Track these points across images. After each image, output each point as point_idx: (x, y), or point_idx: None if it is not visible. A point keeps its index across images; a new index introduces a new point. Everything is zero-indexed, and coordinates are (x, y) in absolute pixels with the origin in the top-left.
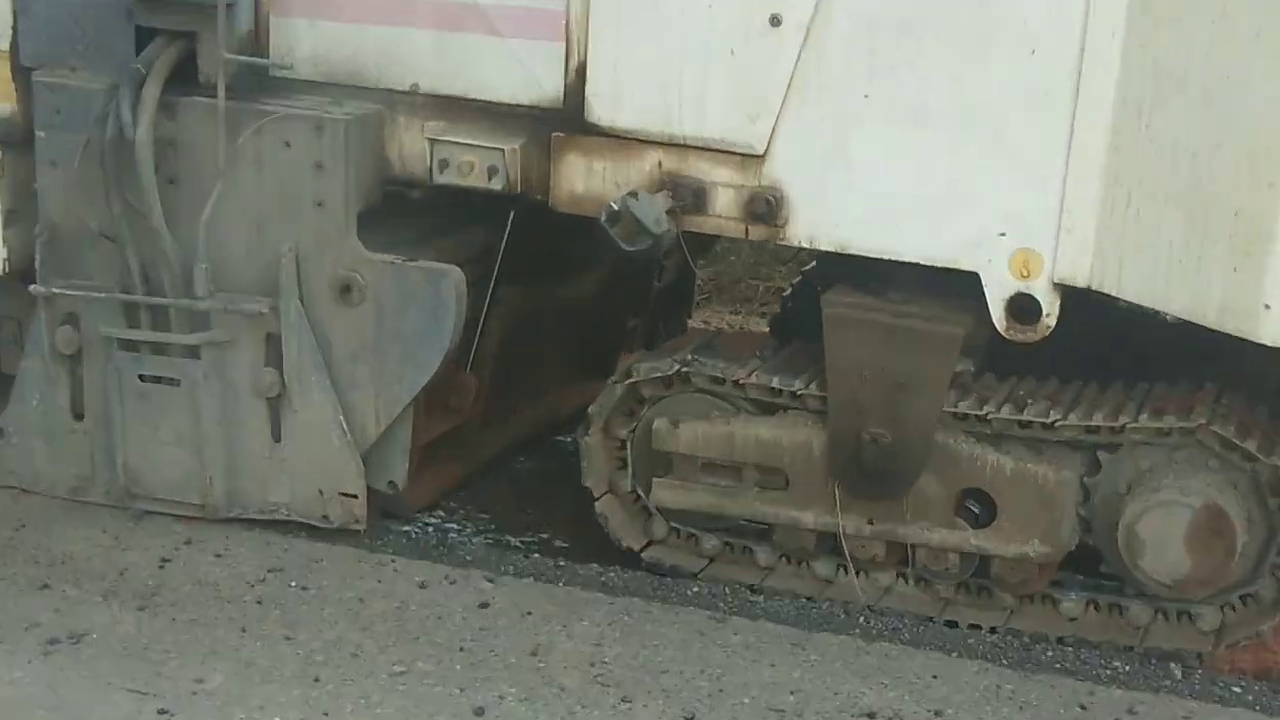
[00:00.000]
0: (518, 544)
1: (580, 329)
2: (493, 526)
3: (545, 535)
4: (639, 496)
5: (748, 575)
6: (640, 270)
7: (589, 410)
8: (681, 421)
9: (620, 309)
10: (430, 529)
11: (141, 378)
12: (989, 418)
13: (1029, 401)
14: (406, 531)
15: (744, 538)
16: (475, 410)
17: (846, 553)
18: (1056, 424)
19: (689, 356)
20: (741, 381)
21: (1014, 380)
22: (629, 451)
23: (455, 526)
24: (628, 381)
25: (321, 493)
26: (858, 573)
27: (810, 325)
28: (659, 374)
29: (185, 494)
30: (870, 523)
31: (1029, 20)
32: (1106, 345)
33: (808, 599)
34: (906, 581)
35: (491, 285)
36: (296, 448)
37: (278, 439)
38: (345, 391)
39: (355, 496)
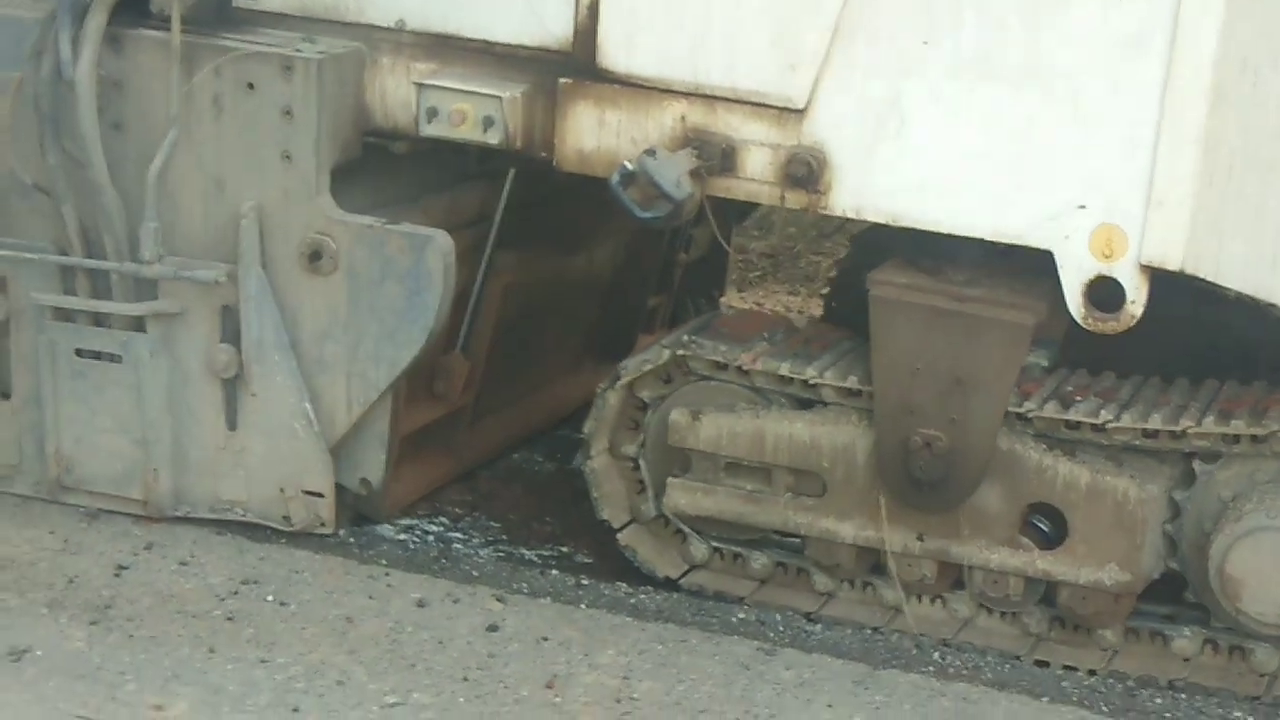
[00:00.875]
0: (533, 558)
1: (592, 307)
2: (504, 537)
3: (565, 549)
4: (668, 520)
5: (803, 601)
6: (663, 242)
7: (584, 431)
8: (703, 414)
9: (640, 285)
10: (431, 538)
11: (78, 353)
12: (1061, 420)
13: (1109, 402)
14: (403, 540)
15: (797, 556)
16: (467, 398)
17: (893, 572)
18: (1136, 428)
19: (685, 338)
20: (746, 368)
21: (1093, 377)
22: (644, 470)
23: (460, 536)
24: (619, 384)
25: (283, 490)
26: (932, 600)
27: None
28: (649, 365)
29: (125, 488)
30: (920, 539)
31: None
32: (1208, 339)
33: (873, 630)
34: (990, 612)
35: (487, 254)
36: (255, 437)
37: (233, 427)
38: (313, 374)
39: (322, 495)
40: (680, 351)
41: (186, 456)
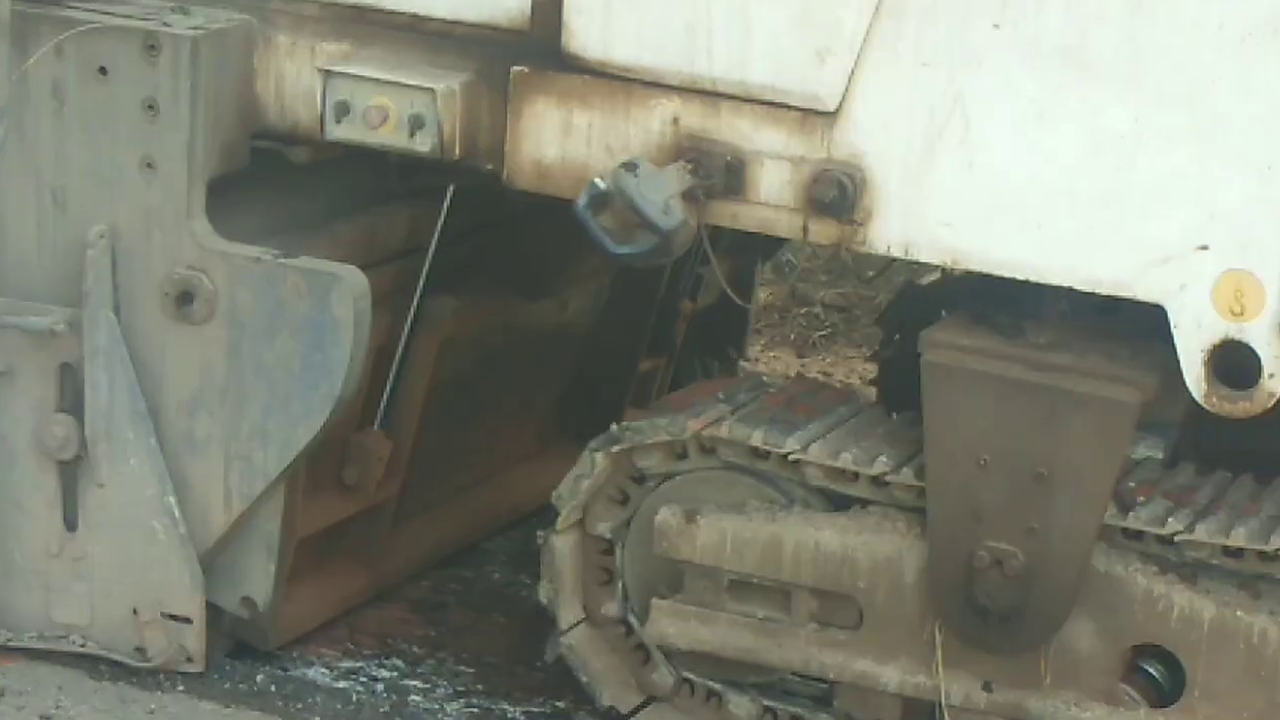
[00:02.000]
0: (517, 716)
1: (563, 370)
2: (479, 687)
3: (560, 704)
4: (631, 629)
5: None
6: (661, 284)
7: (555, 493)
8: (700, 514)
9: (629, 341)
10: (380, 686)
11: None
12: (1177, 539)
13: (1244, 516)
14: (343, 689)
15: (794, 701)
16: (390, 490)
17: None
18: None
19: (720, 406)
20: (793, 456)
21: (1220, 478)
22: (618, 558)
23: (420, 684)
24: (615, 448)
25: (136, 612)
26: None
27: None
28: (666, 436)
29: None
30: (988, 689)
31: None
32: None
33: None
34: None
35: (417, 297)
36: (100, 541)
37: (72, 526)
38: (180, 455)
39: (188, 620)
40: (617, 446)
41: (9, 564)
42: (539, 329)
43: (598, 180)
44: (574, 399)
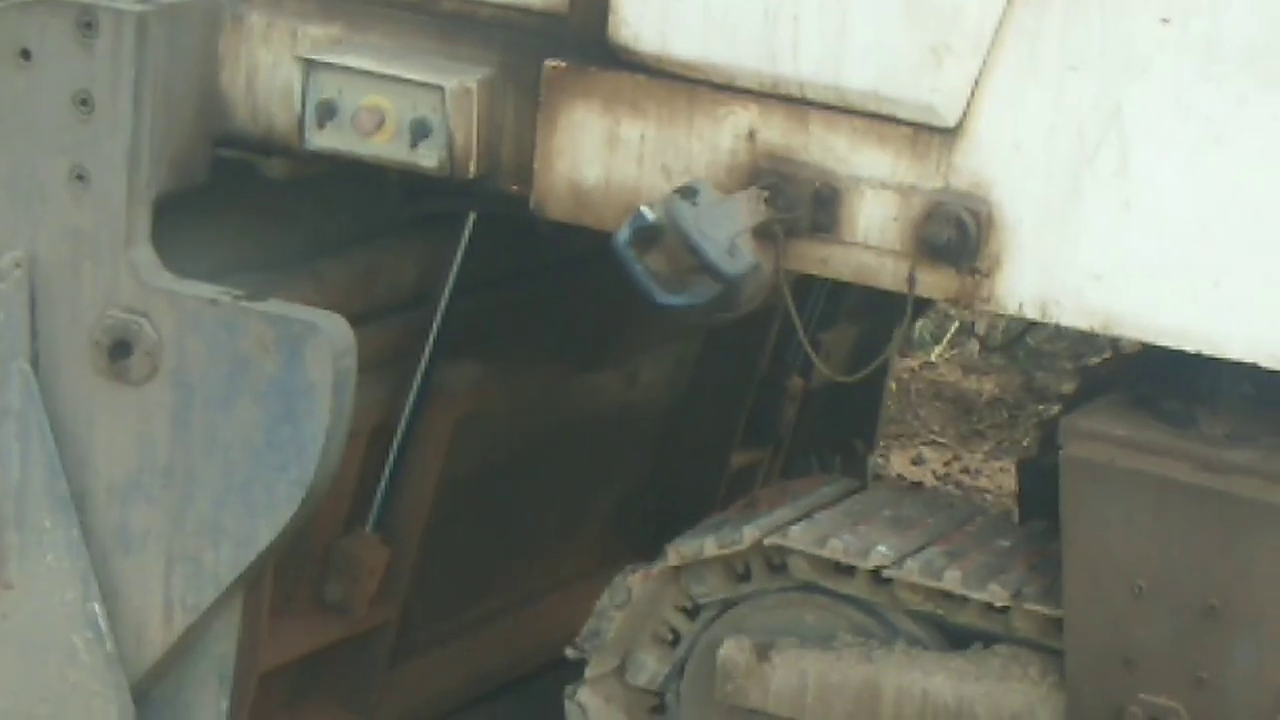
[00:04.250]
0: None
1: (631, 464)
2: None
3: None
4: None
5: None
6: (764, 354)
7: (582, 634)
8: (775, 649)
9: (719, 427)
10: None
11: None
12: None
13: None
14: None
15: None
16: (386, 614)
17: None
18: None
19: (797, 516)
20: (890, 574)
21: None
22: (672, 717)
23: None
24: (659, 569)
25: None
26: None
27: None
28: (725, 549)
29: None
30: None
31: None
32: None
33: None
34: None
35: (424, 361)
36: (5, 659)
37: None
38: (109, 554)
39: None
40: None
41: None
42: (597, 409)
43: (645, 210)
44: (645, 503)
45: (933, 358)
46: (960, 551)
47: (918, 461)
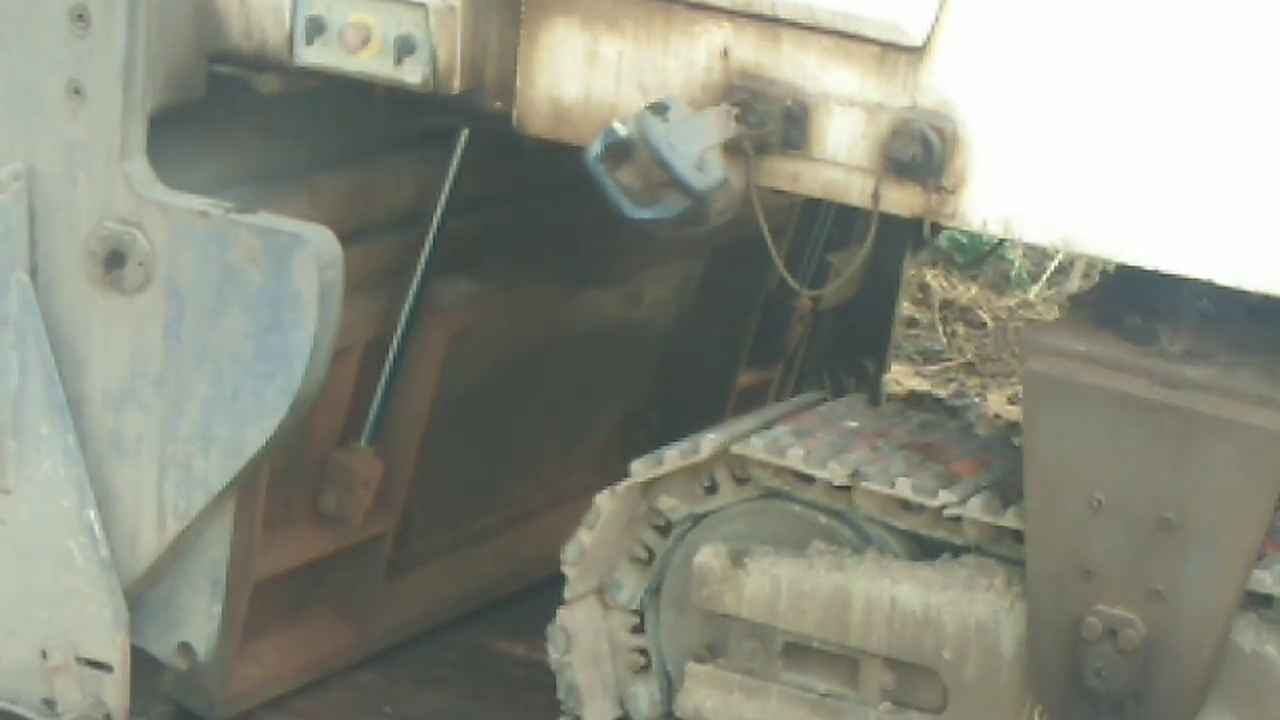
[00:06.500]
0: None
1: (634, 382)
2: None
3: None
4: None
5: None
6: (771, 274)
7: (563, 557)
8: (749, 555)
9: (724, 346)
10: None
11: None
12: None
13: None
14: None
15: None
16: (383, 525)
17: None
18: None
19: (772, 427)
20: (839, 483)
21: None
22: (652, 636)
23: None
24: (626, 485)
25: (45, 655)
26: None
27: None
28: (686, 460)
29: None
30: None
31: None
32: None
33: None
34: None
35: (417, 277)
36: (2, 563)
37: None
38: (104, 460)
39: (108, 668)
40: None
41: None
42: (598, 327)
43: (617, 125)
44: (650, 421)
45: (1030, 296)
46: (918, 461)
47: (1015, 400)
